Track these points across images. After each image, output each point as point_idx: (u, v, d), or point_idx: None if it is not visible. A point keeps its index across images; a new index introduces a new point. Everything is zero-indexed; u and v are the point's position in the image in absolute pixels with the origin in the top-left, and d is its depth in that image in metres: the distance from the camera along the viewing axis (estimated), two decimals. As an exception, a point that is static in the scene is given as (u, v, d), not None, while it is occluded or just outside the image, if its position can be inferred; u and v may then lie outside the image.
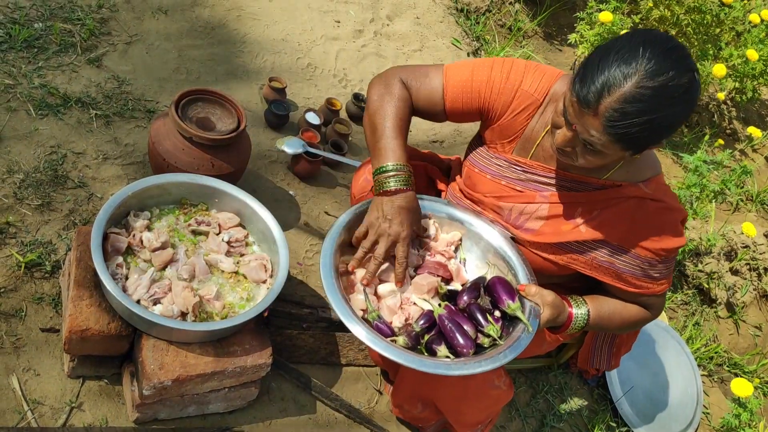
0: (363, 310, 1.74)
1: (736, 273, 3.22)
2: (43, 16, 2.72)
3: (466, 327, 1.69)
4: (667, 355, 2.75)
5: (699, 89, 1.52)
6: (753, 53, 3.77)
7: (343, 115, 3.01)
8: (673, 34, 3.79)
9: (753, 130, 3.81)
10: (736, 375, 2.99)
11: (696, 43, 3.84)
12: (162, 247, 1.91)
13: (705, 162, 3.16)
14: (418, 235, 1.88)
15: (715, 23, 3.92)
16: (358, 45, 3.40)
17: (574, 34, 3.81)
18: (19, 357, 1.92)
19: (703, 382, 2.80)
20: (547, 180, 1.81)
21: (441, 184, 2.14)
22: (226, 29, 3.09)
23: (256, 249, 2.07)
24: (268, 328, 2.05)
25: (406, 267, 1.77)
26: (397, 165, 1.74)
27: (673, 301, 3.13)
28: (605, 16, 3.56)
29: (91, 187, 2.31)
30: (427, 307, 1.77)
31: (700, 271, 3.21)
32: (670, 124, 1.51)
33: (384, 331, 1.70)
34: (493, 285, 1.78)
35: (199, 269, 1.92)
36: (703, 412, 2.76)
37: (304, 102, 3.01)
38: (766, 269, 3.21)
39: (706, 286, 3.18)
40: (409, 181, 1.75)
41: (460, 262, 1.94)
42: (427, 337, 1.71)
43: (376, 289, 1.81)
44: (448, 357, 1.66)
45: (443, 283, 1.84)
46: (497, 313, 1.75)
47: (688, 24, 3.81)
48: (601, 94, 1.46)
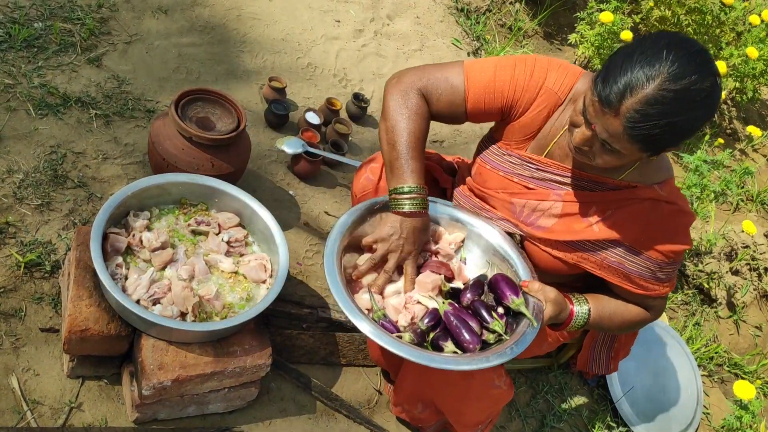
0: (368, 310, 1.75)
1: (736, 273, 3.21)
2: (43, 15, 2.72)
3: (471, 323, 1.70)
4: (667, 355, 2.74)
5: (720, 94, 1.52)
6: (753, 52, 3.76)
7: (343, 114, 3.01)
8: (674, 33, 3.77)
9: (753, 130, 3.80)
10: (736, 375, 2.99)
11: (696, 43, 3.83)
12: (162, 247, 1.90)
13: (705, 162, 3.15)
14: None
15: (716, 24, 3.92)
16: (359, 45, 3.40)
17: (574, 34, 3.81)
18: (19, 357, 1.92)
19: (703, 383, 2.80)
20: (562, 178, 1.82)
21: (444, 183, 2.16)
22: (226, 29, 3.09)
23: (256, 249, 2.07)
24: (268, 328, 2.05)
25: (414, 281, 1.81)
26: (415, 187, 1.77)
27: (673, 301, 3.13)
28: (606, 17, 3.56)
29: (90, 187, 2.31)
30: (431, 305, 1.77)
31: (701, 271, 3.21)
32: (690, 127, 1.51)
33: (389, 330, 1.70)
34: (496, 282, 1.78)
35: (199, 269, 1.91)
36: (703, 413, 2.76)
37: (304, 102, 3.00)
38: (766, 269, 3.21)
39: (707, 286, 3.18)
40: (425, 204, 1.80)
41: (461, 261, 1.94)
42: (432, 334, 1.71)
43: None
44: (455, 352, 1.66)
45: (446, 281, 1.84)
46: (501, 309, 1.75)
47: (688, 24, 3.81)
48: (624, 94, 1.47)
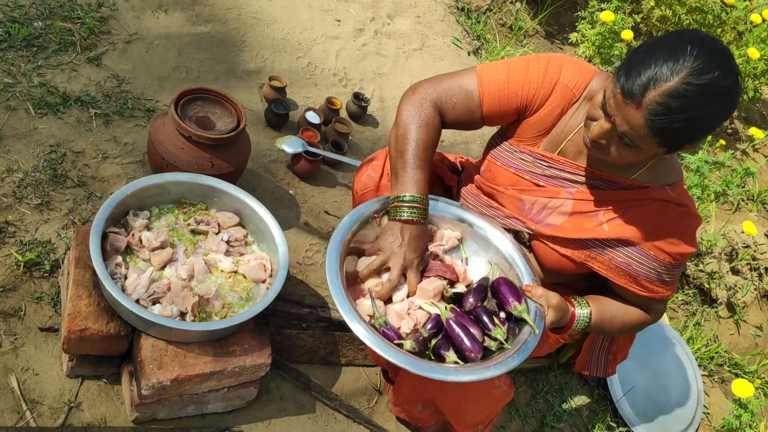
0: (370, 316, 1.74)
1: (736, 273, 3.21)
2: (43, 14, 2.72)
3: (473, 330, 1.68)
4: (667, 355, 2.74)
5: (740, 93, 1.53)
6: (754, 52, 3.76)
7: (343, 114, 3.00)
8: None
9: (755, 131, 3.80)
10: (736, 375, 2.98)
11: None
12: (161, 247, 1.90)
13: (706, 162, 3.15)
14: None
15: (717, 23, 3.91)
16: (359, 44, 3.40)
17: (575, 34, 3.81)
18: (18, 356, 1.91)
19: (703, 382, 2.79)
20: (574, 176, 1.81)
21: (449, 181, 2.16)
22: (226, 28, 3.08)
23: (256, 248, 2.06)
24: (268, 327, 2.05)
25: (415, 290, 1.82)
26: (417, 197, 1.79)
27: (673, 301, 3.13)
28: (607, 16, 3.55)
29: (90, 186, 2.31)
30: (433, 310, 1.76)
31: (701, 271, 3.20)
32: (710, 123, 1.52)
33: (391, 337, 1.69)
34: (498, 286, 1.78)
35: (198, 269, 1.91)
36: (704, 413, 2.75)
37: (304, 101, 3.00)
38: (766, 269, 3.21)
39: (707, 286, 3.18)
40: (424, 215, 1.81)
41: (463, 261, 1.93)
42: (434, 341, 1.70)
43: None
44: (457, 363, 1.65)
45: (449, 286, 1.83)
46: (503, 314, 1.74)
47: (689, 24, 3.81)
48: (647, 87, 1.47)
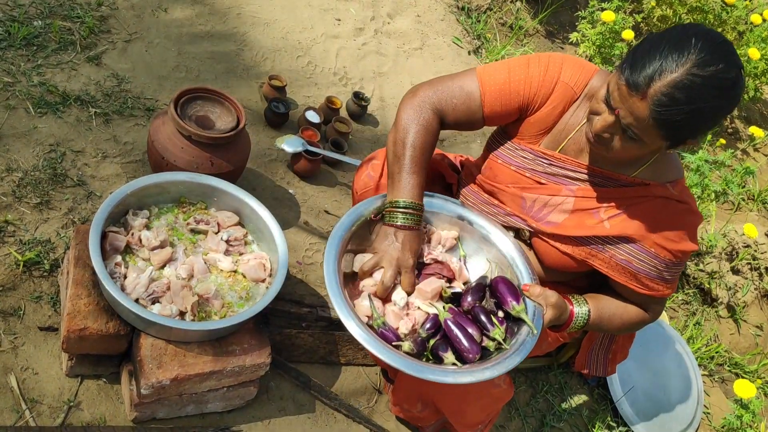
0: (368, 317, 1.73)
1: (737, 273, 3.21)
2: (43, 13, 2.72)
3: (471, 331, 1.68)
4: (667, 354, 2.74)
5: (743, 87, 1.54)
6: (755, 52, 3.75)
7: (343, 113, 3.00)
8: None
9: (755, 131, 3.80)
10: (736, 375, 2.98)
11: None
12: (161, 246, 1.90)
13: (707, 161, 3.15)
14: None
15: (717, 23, 3.91)
16: (359, 43, 3.39)
17: (575, 33, 3.81)
18: (18, 356, 1.91)
19: (703, 382, 2.79)
20: (575, 174, 1.82)
21: (449, 178, 2.16)
22: (226, 27, 3.08)
23: (255, 248, 2.06)
24: (267, 327, 2.04)
25: (409, 290, 1.82)
26: (411, 203, 1.79)
27: (673, 300, 3.12)
28: (607, 16, 3.55)
29: (90, 186, 2.30)
30: (431, 310, 1.76)
31: (701, 270, 3.20)
32: (713, 116, 1.53)
33: (390, 338, 1.69)
34: (496, 285, 1.77)
35: (198, 268, 1.91)
36: (704, 412, 2.75)
37: (304, 100, 3.00)
38: (767, 269, 3.20)
39: (707, 286, 3.17)
40: (419, 221, 1.81)
41: (460, 259, 1.93)
42: (433, 341, 1.70)
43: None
44: (455, 364, 1.65)
45: (447, 286, 1.83)
46: (501, 313, 1.74)
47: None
48: (652, 78, 1.48)
